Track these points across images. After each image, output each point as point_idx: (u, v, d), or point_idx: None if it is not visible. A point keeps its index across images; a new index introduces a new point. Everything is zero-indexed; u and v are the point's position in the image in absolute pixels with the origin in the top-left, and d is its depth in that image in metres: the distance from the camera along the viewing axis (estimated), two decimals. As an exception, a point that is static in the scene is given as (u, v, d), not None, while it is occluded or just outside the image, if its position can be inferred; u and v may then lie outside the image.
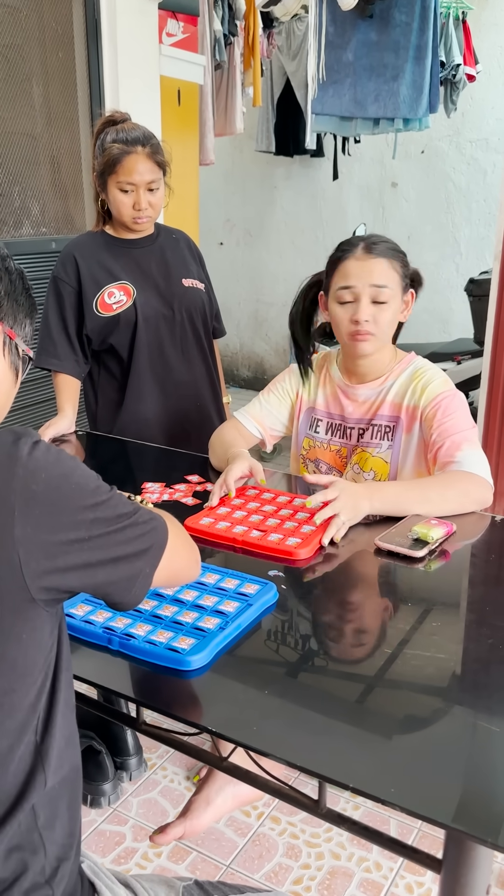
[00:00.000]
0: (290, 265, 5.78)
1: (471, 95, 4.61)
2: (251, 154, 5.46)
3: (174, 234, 2.18)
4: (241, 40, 4.19)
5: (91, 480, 0.86)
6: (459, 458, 1.54)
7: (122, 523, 0.86)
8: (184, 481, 1.70)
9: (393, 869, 1.72)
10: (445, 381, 1.67)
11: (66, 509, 0.81)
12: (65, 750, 0.90)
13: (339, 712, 0.97)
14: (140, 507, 0.91)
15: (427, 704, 0.99)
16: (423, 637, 1.12)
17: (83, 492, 0.84)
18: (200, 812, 1.53)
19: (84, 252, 2.07)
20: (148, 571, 0.90)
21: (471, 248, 4.98)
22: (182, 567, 0.98)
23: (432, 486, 1.52)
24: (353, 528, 1.49)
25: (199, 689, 1.02)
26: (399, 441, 1.68)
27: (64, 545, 0.81)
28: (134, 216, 1.99)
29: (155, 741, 2.04)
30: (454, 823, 0.78)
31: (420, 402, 1.65)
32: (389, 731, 0.94)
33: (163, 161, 1.98)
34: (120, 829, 1.83)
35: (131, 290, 2.03)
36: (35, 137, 3.19)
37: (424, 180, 5.06)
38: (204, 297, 2.15)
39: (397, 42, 3.59)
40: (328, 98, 3.77)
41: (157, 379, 2.10)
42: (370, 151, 5.12)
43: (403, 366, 1.71)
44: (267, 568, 1.32)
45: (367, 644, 1.12)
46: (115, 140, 1.92)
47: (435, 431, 1.60)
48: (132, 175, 1.92)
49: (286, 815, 1.86)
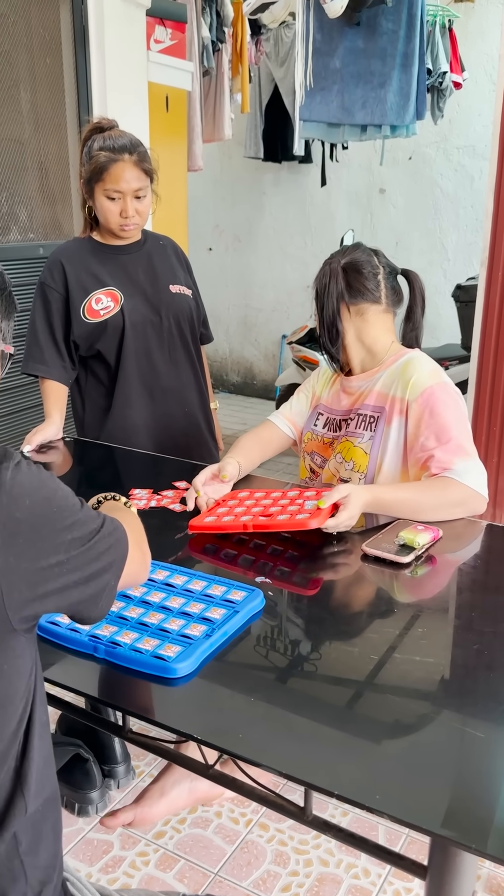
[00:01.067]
0: (278, 271, 5.80)
1: (458, 102, 4.64)
2: (240, 160, 5.47)
3: (161, 241, 2.19)
4: (229, 47, 4.20)
5: (69, 498, 0.85)
6: (457, 468, 1.52)
7: (93, 539, 0.85)
8: (171, 487, 1.70)
9: (381, 875, 1.72)
10: (434, 374, 1.61)
11: (48, 534, 0.80)
12: (44, 770, 0.89)
13: (325, 719, 0.97)
14: (102, 515, 0.90)
15: (413, 711, 0.99)
16: (410, 643, 1.12)
17: (63, 513, 0.82)
18: (153, 802, 1.50)
19: (71, 258, 2.06)
20: (113, 584, 0.89)
21: (458, 254, 5.01)
22: (135, 571, 0.98)
23: (428, 490, 1.52)
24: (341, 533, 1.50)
25: (186, 696, 1.02)
26: (380, 432, 1.64)
27: (45, 570, 0.80)
28: (121, 223, 1.99)
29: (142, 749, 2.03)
30: (438, 830, 0.78)
31: (407, 394, 1.60)
32: (375, 737, 0.94)
33: (150, 169, 1.98)
34: (108, 837, 1.82)
35: (119, 297, 2.03)
36: (23, 143, 3.19)
37: (412, 186, 5.09)
38: (191, 303, 2.15)
39: (384, 49, 3.61)
40: (316, 105, 3.79)
41: (144, 385, 2.09)
42: (358, 158, 5.15)
43: (397, 357, 1.68)
44: (255, 575, 1.32)
45: (353, 650, 1.13)
46: (103, 147, 1.92)
47: (423, 434, 1.56)
48: (119, 183, 1.93)
49: (274, 822, 1.86)
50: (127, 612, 1.16)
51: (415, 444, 1.58)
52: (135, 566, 0.95)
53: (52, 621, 1.13)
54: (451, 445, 1.53)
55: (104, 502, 1.15)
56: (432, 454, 1.54)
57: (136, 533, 1.00)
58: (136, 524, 1.05)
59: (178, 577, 1.26)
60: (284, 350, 5.80)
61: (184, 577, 1.26)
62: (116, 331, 2.02)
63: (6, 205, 3.17)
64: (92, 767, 1.85)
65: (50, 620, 1.13)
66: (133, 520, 1.07)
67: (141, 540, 1.02)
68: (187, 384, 2.18)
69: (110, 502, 1.15)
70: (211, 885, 1.69)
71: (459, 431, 1.55)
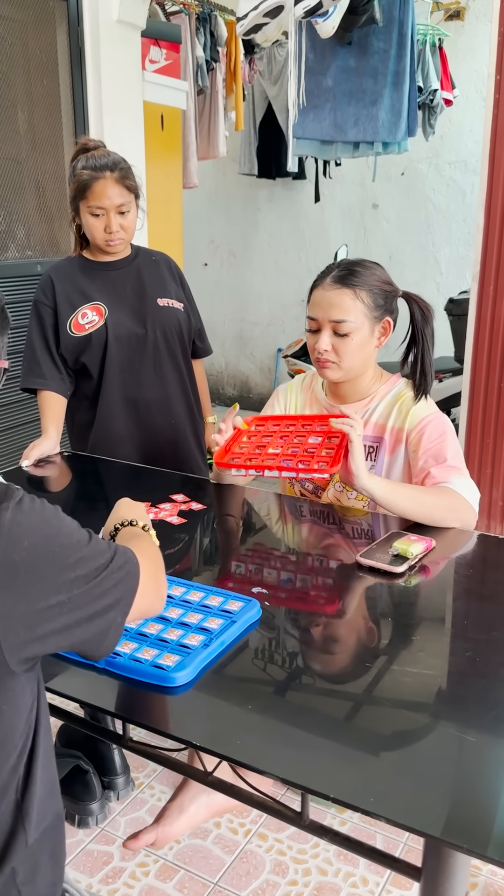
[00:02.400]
0: (273, 285, 5.85)
1: (449, 119, 4.71)
2: (234, 177, 5.53)
3: (154, 256, 2.22)
4: (223, 66, 4.27)
5: (73, 535, 0.82)
6: (453, 482, 1.58)
7: (100, 575, 0.82)
8: (169, 500, 1.73)
9: (379, 884, 1.73)
10: (429, 404, 1.70)
11: (49, 575, 0.78)
12: (47, 801, 0.87)
13: (321, 726, 0.99)
14: (114, 548, 0.87)
15: (407, 717, 1.01)
16: (404, 651, 1.15)
17: (66, 551, 0.80)
18: (174, 819, 1.52)
19: (60, 275, 2.13)
20: (120, 620, 0.86)
21: (451, 268, 5.07)
22: (148, 605, 0.94)
23: (426, 491, 1.58)
24: (336, 544, 1.53)
25: (184, 705, 1.04)
26: (382, 462, 1.71)
27: (45, 611, 0.77)
28: (106, 239, 2.04)
29: (141, 760, 2.05)
30: (431, 831, 0.80)
31: (405, 424, 1.68)
32: (371, 743, 0.96)
33: (132, 185, 2.02)
34: (108, 848, 1.83)
35: (103, 310, 2.07)
36: (20, 162, 3.24)
37: (405, 201, 5.15)
38: (181, 316, 2.17)
39: (376, 68, 3.68)
40: (309, 122, 3.85)
41: (127, 397, 2.13)
42: (351, 174, 5.21)
43: (388, 387, 1.74)
44: (251, 585, 1.34)
45: (348, 658, 1.15)
46: (85, 167, 1.98)
47: (422, 458, 1.63)
48: (101, 199, 1.98)
49: (273, 832, 1.87)
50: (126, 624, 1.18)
51: (414, 468, 1.66)
52: (147, 599, 0.92)
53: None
54: (446, 465, 1.61)
55: (122, 529, 1.11)
56: (429, 472, 1.61)
57: (151, 562, 0.97)
58: (152, 552, 1.02)
59: (176, 589, 1.28)
60: (280, 363, 5.84)
61: (182, 588, 1.28)
62: (100, 344, 2.07)
63: (4, 223, 3.21)
64: (92, 779, 1.87)
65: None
66: (149, 547, 1.03)
67: (156, 570, 0.98)
68: (174, 396, 2.19)
69: (128, 528, 1.11)
70: (210, 894, 1.70)
71: (454, 455, 1.64)
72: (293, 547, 1.58)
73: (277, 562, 1.45)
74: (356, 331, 1.64)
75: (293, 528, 1.68)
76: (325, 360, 1.67)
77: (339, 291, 1.63)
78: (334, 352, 1.66)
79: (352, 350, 1.65)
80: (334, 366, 1.67)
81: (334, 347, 1.65)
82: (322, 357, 1.66)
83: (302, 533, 1.64)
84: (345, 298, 1.63)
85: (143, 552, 0.95)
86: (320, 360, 1.68)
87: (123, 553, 0.88)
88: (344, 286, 1.63)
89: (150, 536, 1.10)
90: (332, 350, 1.65)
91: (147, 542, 1.06)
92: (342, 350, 1.65)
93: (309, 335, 1.71)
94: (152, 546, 1.05)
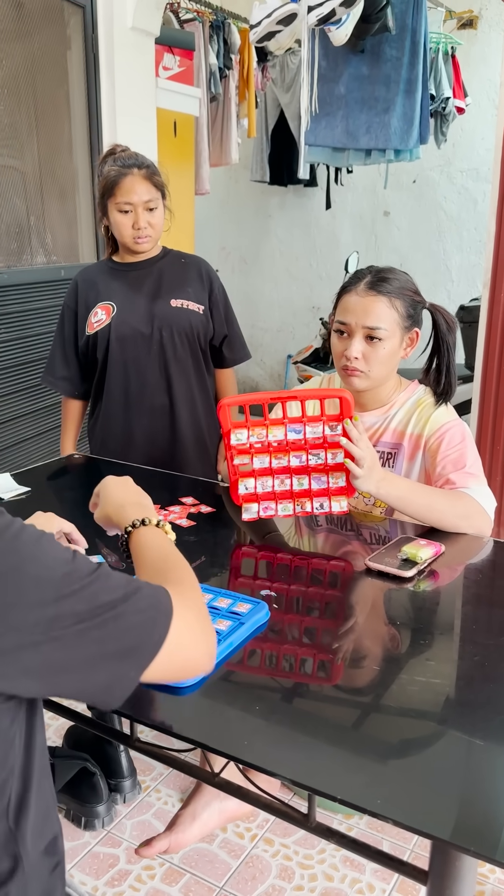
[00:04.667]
0: (284, 292, 5.86)
1: (461, 127, 4.72)
2: (246, 184, 5.56)
3: (184, 259, 2.22)
4: (235, 73, 4.29)
5: (58, 568, 0.71)
6: (471, 488, 1.58)
7: (101, 616, 0.71)
8: (178, 503, 1.73)
9: (385, 890, 1.72)
10: (449, 411, 1.69)
11: (12, 608, 0.68)
12: (43, 825, 0.83)
13: (329, 728, 0.99)
14: (138, 586, 0.76)
15: (416, 720, 1.01)
16: (412, 655, 1.15)
17: (41, 585, 0.69)
18: (186, 826, 1.53)
19: (85, 277, 2.18)
20: (133, 675, 0.74)
21: (462, 276, 5.07)
22: (184, 663, 0.80)
23: (440, 496, 1.57)
24: (345, 548, 1.53)
25: (192, 706, 1.05)
26: (400, 468, 1.70)
27: (10, 651, 0.68)
28: (134, 236, 2.05)
29: (148, 764, 2.05)
30: (439, 833, 0.80)
31: (424, 431, 1.67)
32: (378, 746, 0.96)
33: (160, 182, 2.04)
34: (114, 851, 1.83)
35: (111, 309, 2.10)
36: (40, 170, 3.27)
37: (416, 209, 5.16)
38: (198, 319, 2.14)
39: (388, 76, 3.69)
40: (321, 130, 3.86)
41: (128, 396, 2.14)
42: (362, 181, 5.22)
43: (408, 395, 1.73)
44: (259, 588, 1.35)
45: (356, 661, 1.15)
46: (113, 165, 2.02)
47: (440, 464, 1.62)
48: (130, 195, 1.99)
49: (279, 837, 1.87)
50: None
51: (433, 474, 1.65)
52: (182, 656, 0.78)
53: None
54: (465, 471, 1.60)
55: (134, 531, 1.01)
56: (447, 478, 1.60)
57: (191, 610, 0.81)
58: (192, 596, 0.85)
59: (185, 590, 1.28)
60: (290, 369, 5.85)
61: (191, 589, 1.29)
62: (104, 342, 2.10)
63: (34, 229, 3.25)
64: (98, 781, 1.87)
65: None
66: (189, 590, 0.87)
67: (198, 620, 0.82)
68: (180, 400, 2.16)
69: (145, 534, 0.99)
70: (216, 899, 1.70)
71: (473, 462, 1.63)
72: (302, 550, 1.58)
73: (286, 565, 1.45)
74: (388, 339, 1.61)
75: (302, 530, 1.68)
76: (353, 368, 1.63)
77: (375, 298, 1.60)
78: (364, 360, 1.62)
79: (382, 358, 1.63)
80: (363, 375, 1.64)
81: (364, 355, 1.62)
82: (351, 365, 1.63)
83: (311, 536, 1.64)
84: (380, 305, 1.60)
85: (182, 596, 0.81)
86: (348, 369, 1.64)
87: (150, 595, 0.76)
88: (379, 293, 1.60)
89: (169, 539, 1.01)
90: (362, 358, 1.62)
91: (189, 581, 0.90)
92: (372, 358, 1.62)
93: (337, 341, 1.67)
94: (193, 589, 0.89)
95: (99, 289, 2.13)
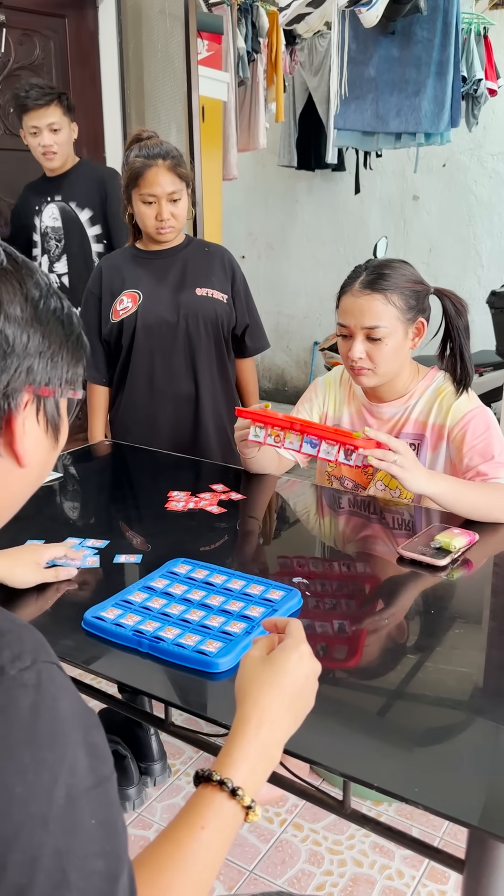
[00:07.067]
0: (311, 278, 5.83)
1: (492, 109, 4.63)
2: (273, 169, 5.52)
3: (207, 248, 2.23)
4: (263, 57, 4.24)
5: (42, 774, 0.53)
6: (502, 478, 1.55)
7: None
8: (209, 490, 1.74)
9: (415, 877, 1.73)
10: (470, 399, 1.66)
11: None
12: None
13: (362, 716, 0.99)
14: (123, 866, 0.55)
15: (449, 709, 1.01)
16: (445, 643, 1.14)
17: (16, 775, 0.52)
18: None
19: (109, 264, 2.19)
20: None
21: (492, 261, 5.00)
22: None
23: (483, 489, 1.53)
24: (376, 535, 1.52)
25: (225, 691, 1.05)
26: (424, 459, 1.68)
27: None
28: (157, 226, 2.06)
29: (178, 748, 2.06)
30: (478, 822, 0.80)
31: (447, 420, 1.65)
32: (412, 733, 0.96)
33: (185, 173, 2.04)
34: (145, 833, 1.85)
35: (138, 297, 2.10)
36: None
37: (446, 193, 5.09)
38: (222, 308, 2.15)
39: (419, 58, 3.63)
40: (350, 113, 3.82)
41: (153, 384, 2.15)
42: (392, 165, 5.16)
43: (427, 383, 1.71)
44: (292, 575, 1.34)
45: (387, 650, 1.14)
46: (138, 155, 2.02)
47: (467, 455, 1.60)
48: (154, 187, 2.00)
49: (308, 822, 1.88)
50: (169, 609, 1.19)
51: (459, 466, 1.62)
52: None
53: (97, 616, 1.16)
54: (495, 461, 1.57)
55: (207, 787, 0.73)
56: (477, 469, 1.58)
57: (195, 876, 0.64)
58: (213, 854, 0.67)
59: (218, 576, 1.29)
60: (316, 356, 5.82)
61: (223, 576, 1.29)
62: (129, 330, 2.11)
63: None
64: (130, 764, 1.89)
65: (95, 615, 1.16)
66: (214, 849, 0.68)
67: None
68: (205, 389, 2.18)
69: (235, 812, 0.75)
70: (246, 882, 1.71)
71: (501, 450, 1.59)
72: (333, 537, 1.58)
73: (317, 552, 1.45)
74: (390, 335, 1.60)
75: (333, 518, 1.67)
76: (359, 367, 1.63)
77: (370, 297, 1.59)
78: (368, 358, 1.62)
79: (387, 356, 1.61)
80: (370, 372, 1.63)
81: (368, 354, 1.61)
82: (356, 365, 1.63)
83: (342, 524, 1.64)
84: (375, 304, 1.59)
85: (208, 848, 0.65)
86: (354, 368, 1.64)
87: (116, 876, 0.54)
88: (374, 291, 1.59)
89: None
90: (367, 357, 1.61)
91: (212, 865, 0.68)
92: (377, 356, 1.61)
93: (341, 342, 1.66)
94: None
95: (124, 276, 2.14)
